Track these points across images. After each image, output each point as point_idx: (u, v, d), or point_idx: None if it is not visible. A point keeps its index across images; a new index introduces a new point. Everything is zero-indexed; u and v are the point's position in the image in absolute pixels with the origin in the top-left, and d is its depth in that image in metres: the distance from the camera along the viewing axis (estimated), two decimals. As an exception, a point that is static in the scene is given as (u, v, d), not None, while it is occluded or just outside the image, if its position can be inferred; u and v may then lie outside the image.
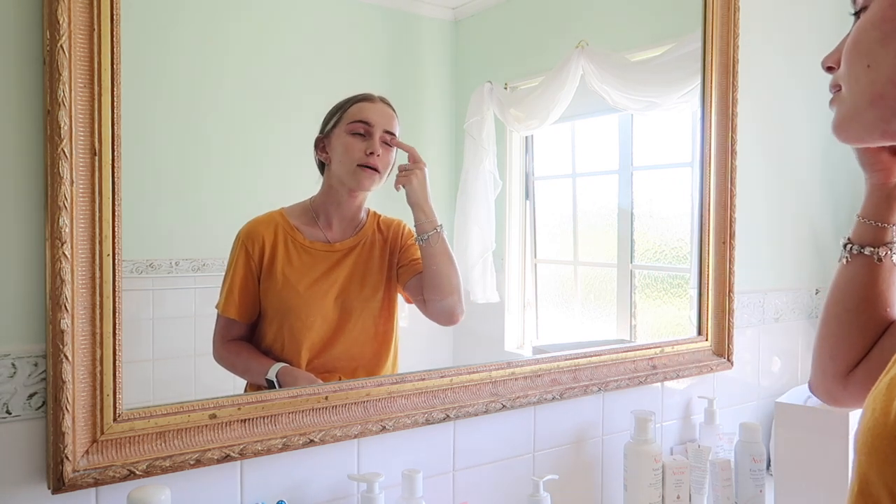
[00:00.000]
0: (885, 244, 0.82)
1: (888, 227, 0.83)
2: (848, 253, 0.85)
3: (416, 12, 1.22)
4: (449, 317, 1.14)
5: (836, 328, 0.85)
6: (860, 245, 0.83)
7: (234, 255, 1.03)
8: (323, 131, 1.07)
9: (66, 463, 0.80)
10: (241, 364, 1.03)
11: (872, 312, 0.83)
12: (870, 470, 0.46)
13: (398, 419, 1.06)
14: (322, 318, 1.07)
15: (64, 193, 0.79)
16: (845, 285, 0.85)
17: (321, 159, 1.08)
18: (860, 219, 0.84)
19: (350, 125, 1.07)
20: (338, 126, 1.07)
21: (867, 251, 0.83)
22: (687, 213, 1.52)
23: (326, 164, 1.08)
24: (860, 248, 0.83)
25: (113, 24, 0.82)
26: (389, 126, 1.09)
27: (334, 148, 1.07)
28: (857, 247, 0.84)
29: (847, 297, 0.84)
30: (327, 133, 1.07)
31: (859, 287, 0.83)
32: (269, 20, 1.08)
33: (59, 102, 0.78)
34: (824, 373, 0.86)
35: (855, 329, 0.83)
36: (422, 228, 1.10)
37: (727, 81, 1.48)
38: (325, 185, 1.09)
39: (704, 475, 1.36)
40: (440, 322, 1.14)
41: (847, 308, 0.84)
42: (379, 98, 1.10)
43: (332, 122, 1.07)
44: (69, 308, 0.80)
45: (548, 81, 1.37)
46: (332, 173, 1.08)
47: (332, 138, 1.07)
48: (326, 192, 1.09)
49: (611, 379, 1.32)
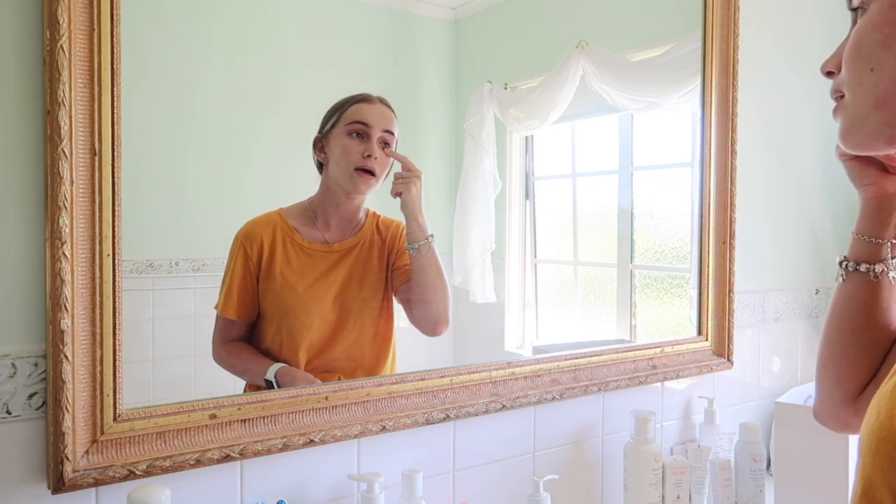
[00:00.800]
0: (881, 261, 0.80)
1: (883, 244, 0.80)
2: (843, 271, 0.82)
3: (416, 12, 1.22)
4: (432, 327, 1.13)
5: (841, 350, 0.82)
6: (856, 262, 0.81)
7: (233, 255, 1.03)
8: (321, 131, 1.07)
9: (66, 463, 0.80)
10: (240, 364, 1.03)
11: (876, 330, 0.80)
12: (874, 472, 0.46)
13: (398, 419, 1.06)
14: (321, 319, 1.07)
15: (64, 193, 0.79)
16: (845, 304, 0.82)
17: (319, 160, 1.08)
18: (855, 235, 0.83)
19: (348, 126, 1.07)
20: (336, 127, 1.07)
21: (863, 268, 0.80)
22: (687, 213, 1.52)
23: (325, 164, 1.08)
24: (856, 266, 0.81)
25: (113, 24, 0.82)
26: (388, 127, 1.09)
27: (332, 149, 1.07)
28: (853, 264, 0.81)
29: (848, 317, 0.82)
30: (326, 133, 1.07)
31: (860, 305, 0.81)
32: (269, 20, 1.07)
33: (59, 102, 0.78)
34: (832, 398, 0.83)
35: (860, 349, 0.81)
36: (413, 237, 1.10)
37: (727, 81, 1.48)
38: (322, 185, 1.09)
39: (704, 475, 1.36)
40: (424, 331, 1.14)
41: (850, 328, 0.81)
42: (378, 98, 1.10)
43: (331, 123, 1.07)
44: (69, 308, 0.80)
45: (548, 81, 1.37)
46: (329, 175, 1.08)
47: (330, 139, 1.07)
48: (324, 193, 1.09)
49: (611, 379, 1.32)
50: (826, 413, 0.85)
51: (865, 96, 0.61)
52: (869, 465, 0.47)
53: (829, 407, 0.84)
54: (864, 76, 0.61)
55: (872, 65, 0.60)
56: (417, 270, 1.10)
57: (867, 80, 0.61)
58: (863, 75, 0.61)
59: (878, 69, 0.60)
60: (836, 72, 0.67)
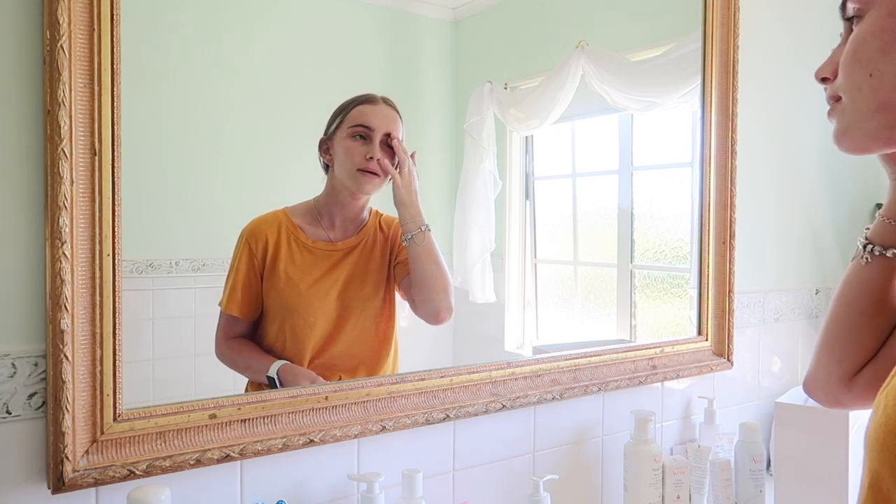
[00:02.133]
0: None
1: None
2: (868, 254, 0.80)
3: (416, 12, 1.22)
4: (434, 316, 1.13)
5: (847, 331, 0.81)
6: (882, 246, 0.79)
7: (238, 252, 1.03)
8: (326, 133, 1.08)
9: (66, 463, 0.80)
10: (243, 361, 1.03)
11: (886, 315, 0.80)
12: (881, 466, 0.47)
13: (398, 419, 1.06)
14: (323, 317, 1.07)
15: (64, 193, 0.79)
16: (860, 287, 0.81)
17: (325, 161, 1.08)
18: (883, 219, 0.80)
19: (351, 129, 1.07)
20: (339, 129, 1.07)
21: (889, 253, 0.78)
22: (687, 213, 1.52)
23: (330, 165, 1.09)
24: (882, 250, 0.79)
25: (113, 24, 0.82)
26: (390, 129, 1.09)
27: (336, 151, 1.07)
28: (880, 248, 0.79)
29: (862, 300, 0.80)
30: (330, 135, 1.07)
31: (877, 290, 0.79)
32: (269, 21, 1.08)
33: (59, 102, 0.78)
34: (828, 376, 0.83)
35: (868, 332, 0.80)
36: (406, 228, 1.10)
37: (727, 81, 1.48)
38: (328, 185, 1.09)
39: (704, 475, 1.36)
40: (427, 321, 1.14)
41: (861, 311, 0.80)
42: (382, 99, 1.10)
43: (335, 125, 1.07)
44: (69, 308, 0.80)
45: (548, 81, 1.37)
46: (334, 175, 1.09)
47: (334, 141, 1.07)
48: (329, 193, 1.09)
49: (611, 379, 1.32)
50: (819, 388, 0.85)
51: (865, 101, 0.63)
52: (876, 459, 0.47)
53: (824, 383, 0.84)
54: (863, 81, 0.63)
55: (871, 70, 0.62)
56: (414, 260, 1.10)
57: (866, 85, 0.62)
58: (862, 81, 0.63)
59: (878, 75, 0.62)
60: (831, 77, 0.68)
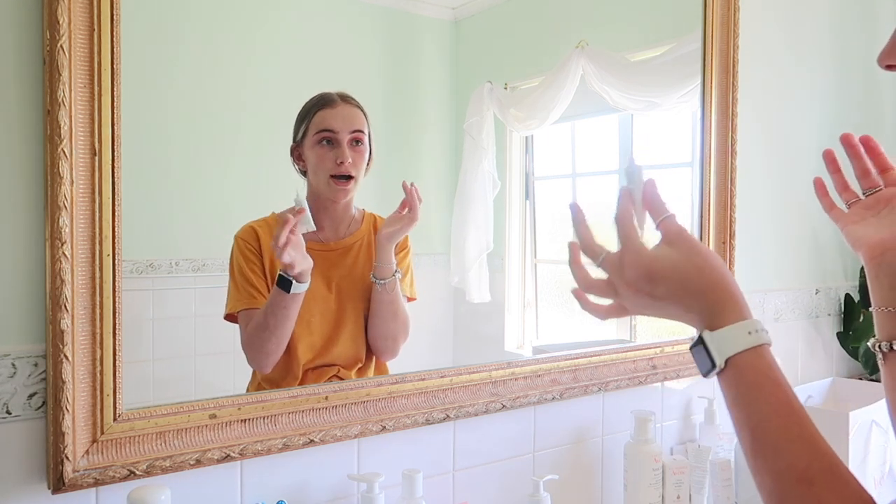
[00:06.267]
0: None
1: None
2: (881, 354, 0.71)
3: (416, 12, 1.21)
4: (379, 354, 1.13)
5: None
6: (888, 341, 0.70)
7: (234, 257, 1.03)
8: (295, 140, 1.07)
9: (66, 463, 0.80)
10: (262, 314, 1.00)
11: None
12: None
13: (398, 419, 1.06)
14: (320, 317, 1.07)
15: (64, 193, 0.79)
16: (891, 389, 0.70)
17: (300, 167, 1.07)
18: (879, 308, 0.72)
19: (316, 136, 1.05)
20: (306, 136, 1.06)
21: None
22: (687, 213, 1.52)
23: (305, 171, 1.07)
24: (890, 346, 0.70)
25: (113, 24, 0.82)
26: (355, 126, 1.07)
27: (308, 157, 1.06)
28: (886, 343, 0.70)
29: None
30: (299, 142, 1.06)
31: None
32: (269, 21, 1.08)
33: (59, 102, 0.78)
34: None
35: None
36: (382, 273, 1.09)
37: (727, 81, 1.48)
38: (309, 191, 1.08)
39: (704, 475, 1.36)
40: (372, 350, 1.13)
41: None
42: (340, 98, 1.07)
43: (301, 132, 1.06)
44: (69, 308, 0.80)
45: (548, 81, 1.37)
46: (311, 182, 1.08)
47: (304, 148, 1.06)
48: (313, 197, 1.07)
49: (611, 379, 1.32)
50: None
51: None
52: None
53: None
54: None
55: None
56: (377, 302, 1.10)
57: None
58: None
59: None
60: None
